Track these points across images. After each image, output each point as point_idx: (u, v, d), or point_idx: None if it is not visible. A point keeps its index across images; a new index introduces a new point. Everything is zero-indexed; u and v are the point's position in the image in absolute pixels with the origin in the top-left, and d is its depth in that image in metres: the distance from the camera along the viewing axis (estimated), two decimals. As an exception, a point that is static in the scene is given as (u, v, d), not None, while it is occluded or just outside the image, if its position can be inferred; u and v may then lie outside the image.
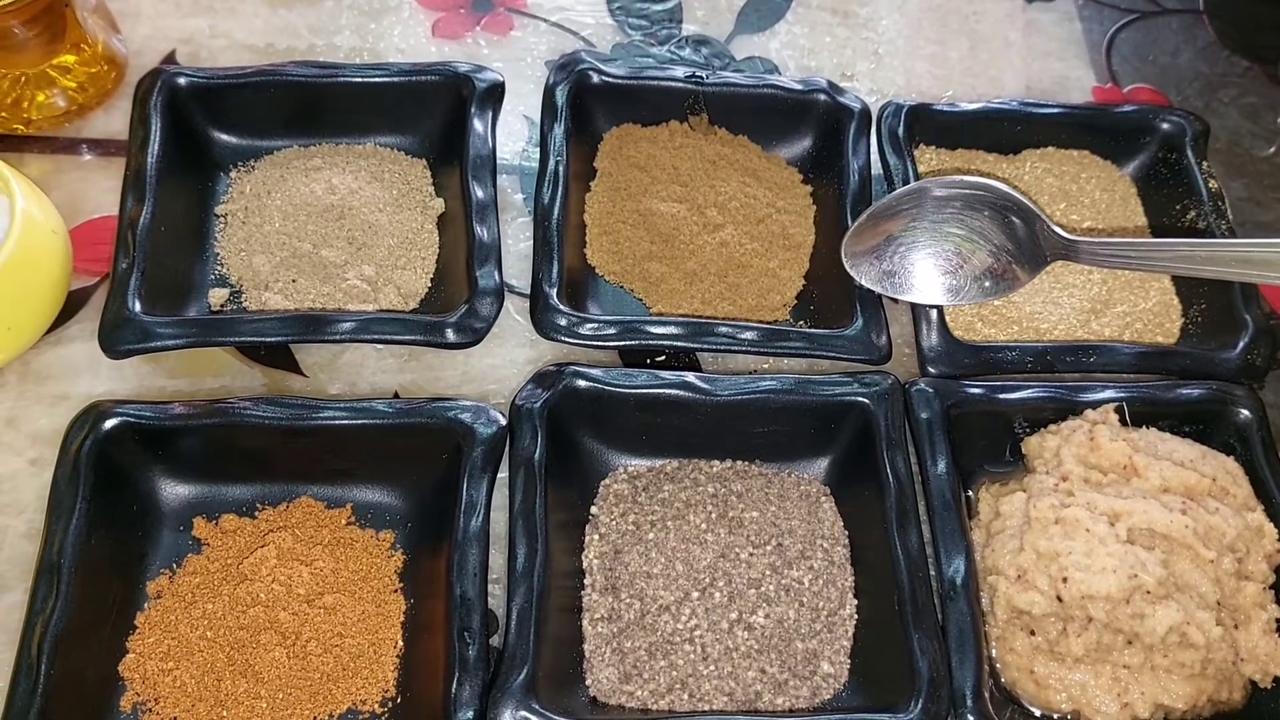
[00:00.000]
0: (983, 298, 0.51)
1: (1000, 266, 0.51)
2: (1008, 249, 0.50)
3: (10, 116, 0.57)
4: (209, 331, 0.49)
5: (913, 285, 0.51)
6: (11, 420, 0.50)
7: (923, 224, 0.51)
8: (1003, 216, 0.50)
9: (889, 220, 0.51)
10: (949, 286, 0.51)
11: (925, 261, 0.51)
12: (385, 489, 0.48)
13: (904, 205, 0.51)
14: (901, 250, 0.51)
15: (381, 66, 0.57)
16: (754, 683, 0.45)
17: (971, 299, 0.51)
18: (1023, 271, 0.51)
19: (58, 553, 0.43)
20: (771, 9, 0.67)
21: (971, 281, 0.51)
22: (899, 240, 0.51)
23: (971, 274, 0.51)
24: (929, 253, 0.51)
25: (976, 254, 0.50)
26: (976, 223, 0.50)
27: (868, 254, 0.51)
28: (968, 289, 0.51)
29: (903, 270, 0.51)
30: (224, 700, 0.43)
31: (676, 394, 0.49)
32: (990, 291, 0.51)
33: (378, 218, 0.54)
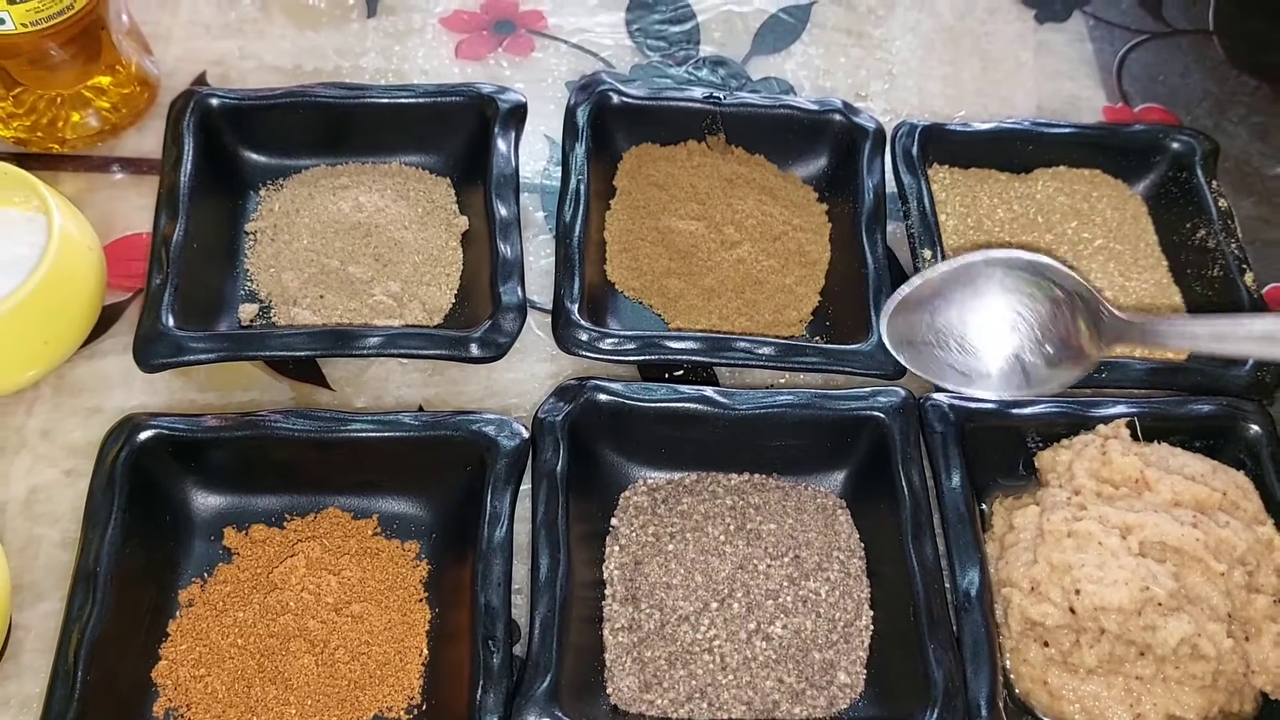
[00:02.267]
0: (1042, 389, 0.48)
1: (1057, 354, 0.47)
2: (1064, 334, 0.47)
3: (46, 136, 0.59)
4: (240, 346, 0.50)
5: (982, 376, 0.48)
6: (47, 432, 0.52)
7: (980, 306, 0.47)
8: (1058, 298, 0.46)
9: (937, 299, 0.48)
10: (1015, 377, 0.48)
11: (989, 349, 0.48)
12: (411, 500, 0.49)
13: (953, 284, 0.48)
14: (958, 338, 0.48)
15: (407, 88, 0.58)
16: (772, 692, 0.45)
17: (1038, 392, 0.48)
18: (1079, 359, 0.47)
19: (94, 561, 0.44)
20: (787, 30, 0.69)
21: (1035, 372, 0.48)
22: (955, 326, 0.47)
23: (1033, 362, 0.48)
24: (990, 340, 0.47)
25: (1036, 340, 0.47)
26: (1035, 305, 0.47)
27: (922, 343, 0.48)
28: (1034, 379, 0.48)
29: (964, 361, 0.48)
30: (254, 706, 0.44)
31: (695, 408, 0.50)
32: (1047, 380, 0.48)
33: (403, 235, 0.56)
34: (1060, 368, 0.47)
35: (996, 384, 0.48)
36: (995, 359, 0.48)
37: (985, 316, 0.48)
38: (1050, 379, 0.47)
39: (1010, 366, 0.48)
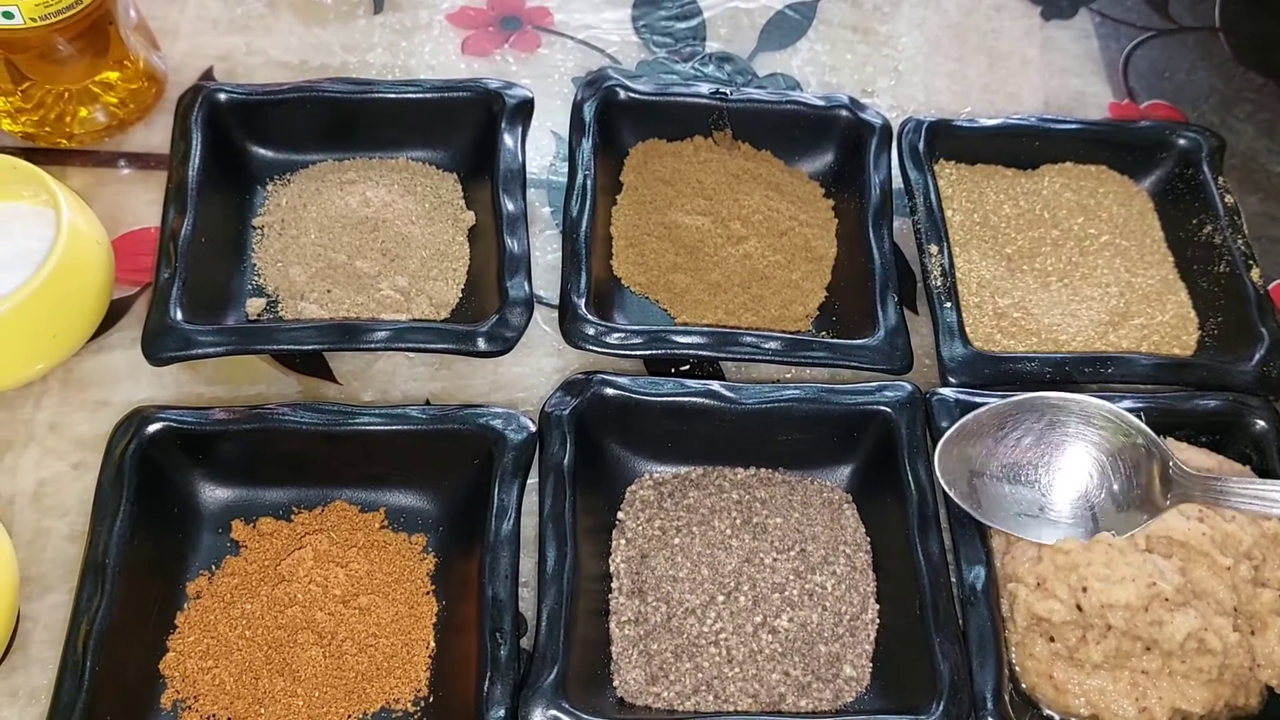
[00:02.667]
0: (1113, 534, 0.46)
1: (1125, 499, 0.46)
2: (1131, 481, 0.46)
3: (54, 131, 0.59)
4: (248, 339, 0.50)
5: (1053, 516, 0.47)
6: (54, 425, 0.52)
7: (1052, 442, 0.46)
8: (1129, 445, 0.45)
9: (1004, 431, 0.47)
10: (1085, 520, 0.46)
11: (1059, 488, 0.47)
12: (418, 493, 0.49)
13: (1022, 422, 0.47)
14: (1028, 474, 0.46)
15: (414, 83, 0.58)
16: (778, 685, 0.46)
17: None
18: (1147, 507, 0.46)
19: (103, 553, 0.44)
20: (793, 27, 0.69)
21: (1104, 516, 0.46)
22: (1026, 460, 0.46)
23: (1102, 506, 0.46)
24: (1060, 479, 0.46)
25: (1106, 484, 0.46)
26: (1106, 448, 0.46)
27: (984, 476, 0.46)
28: (1102, 523, 0.46)
29: (1032, 498, 0.47)
30: (262, 698, 0.44)
31: (702, 402, 0.50)
32: (1114, 524, 0.46)
33: (410, 230, 0.56)
34: (1127, 512, 0.46)
35: (1067, 526, 0.46)
36: (1065, 499, 0.47)
37: (1056, 454, 0.47)
38: (1117, 523, 0.46)
39: (1080, 509, 0.46)
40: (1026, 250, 0.58)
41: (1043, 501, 0.47)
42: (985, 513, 0.47)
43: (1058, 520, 0.47)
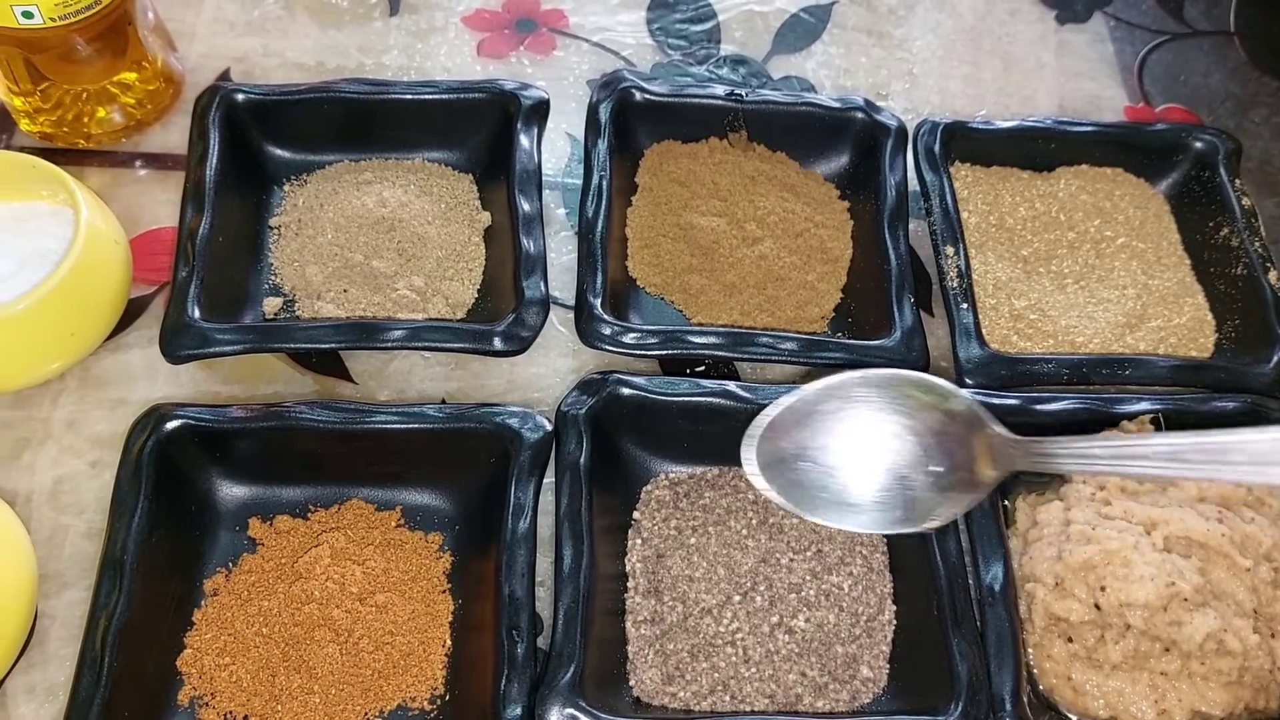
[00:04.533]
0: (927, 523, 0.42)
1: (947, 479, 0.41)
2: (954, 458, 0.41)
3: (72, 131, 0.60)
4: (266, 338, 0.50)
5: (856, 503, 0.43)
6: (72, 423, 0.52)
7: (859, 427, 0.42)
8: (949, 419, 0.41)
9: (813, 419, 0.43)
10: (896, 506, 0.42)
11: (868, 475, 0.42)
12: (434, 492, 0.49)
13: (831, 403, 0.43)
14: (832, 462, 0.42)
15: (430, 84, 0.59)
16: (794, 685, 0.45)
17: (925, 527, 0.42)
18: (971, 487, 0.42)
19: (121, 550, 0.44)
20: (808, 30, 0.69)
21: (922, 499, 0.42)
22: (830, 449, 0.42)
23: (920, 489, 0.42)
24: (870, 465, 0.42)
25: (923, 466, 0.41)
26: (922, 426, 0.42)
27: (792, 469, 0.42)
28: (920, 506, 0.42)
29: (838, 488, 0.42)
30: (278, 695, 0.44)
31: (718, 402, 0.50)
32: (933, 508, 0.42)
33: (426, 230, 0.56)
34: (950, 493, 0.41)
35: (873, 513, 0.42)
36: (874, 485, 0.43)
37: (865, 438, 0.42)
38: (937, 507, 0.42)
39: (891, 494, 0.42)
40: (1043, 252, 0.58)
41: (853, 487, 0.43)
42: (801, 506, 0.43)
43: (868, 506, 0.43)
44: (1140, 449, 0.35)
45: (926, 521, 0.42)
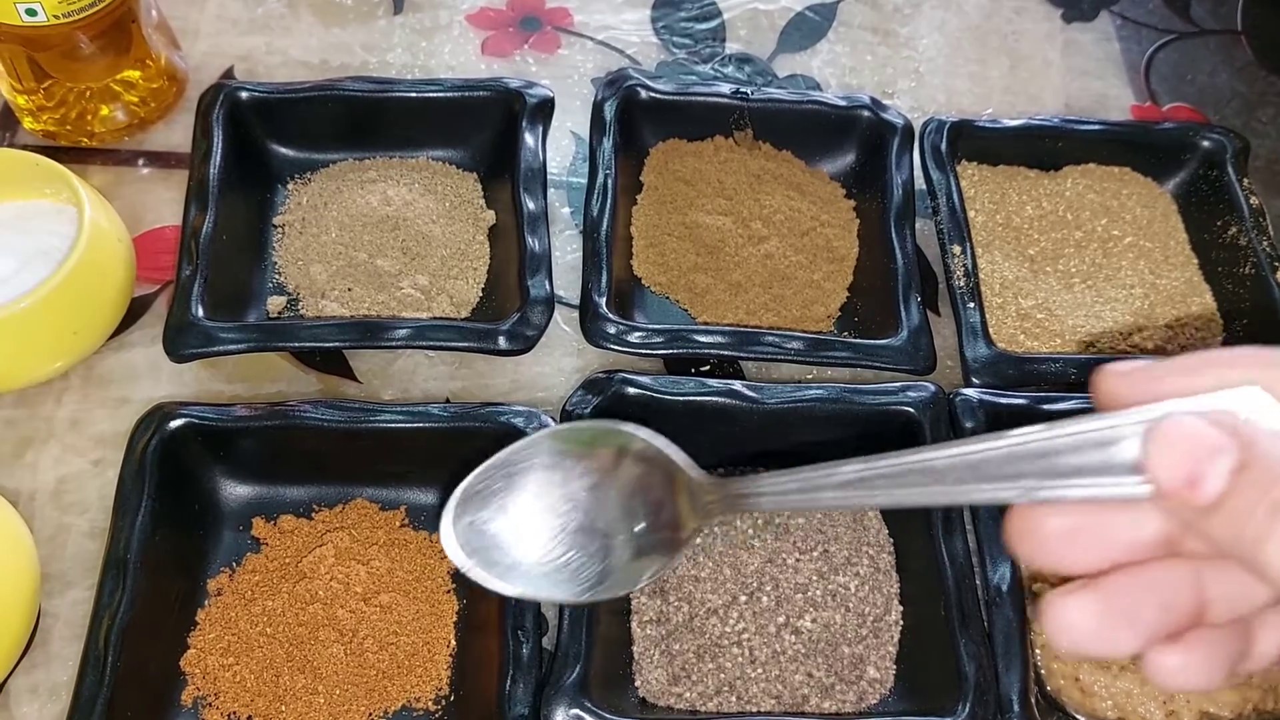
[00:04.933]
0: (614, 592, 0.38)
1: (647, 538, 0.38)
2: (656, 513, 0.37)
3: (75, 129, 0.59)
4: (270, 337, 0.50)
5: (539, 572, 0.38)
6: (75, 422, 0.52)
7: (538, 487, 0.38)
8: (644, 474, 0.38)
9: (501, 491, 0.39)
10: (586, 571, 0.38)
11: (555, 541, 0.38)
12: (439, 492, 0.49)
13: (520, 469, 0.39)
14: (519, 531, 0.38)
15: (435, 82, 0.58)
16: (801, 686, 0.45)
17: (604, 594, 0.38)
18: (671, 544, 0.38)
19: (124, 549, 0.44)
20: (813, 28, 0.68)
21: (618, 564, 0.38)
22: (517, 514, 0.38)
23: (618, 550, 0.38)
24: (558, 530, 0.38)
25: (619, 527, 0.38)
26: (615, 487, 0.38)
27: (481, 533, 0.38)
28: (614, 569, 0.38)
29: (522, 554, 0.38)
30: (283, 695, 0.44)
31: (724, 401, 0.50)
32: (627, 574, 0.38)
33: (431, 229, 0.56)
34: (655, 551, 0.37)
35: (576, 582, 0.38)
36: (578, 550, 0.38)
37: (563, 501, 0.38)
38: (645, 566, 0.38)
39: (594, 558, 0.38)
40: (1050, 251, 0.57)
41: (555, 554, 0.38)
42: (504, 578, 0.38)
43: (570, 574, 0.38)
44: (829, 479, 0.32)
45: (636, 583, 0.38)
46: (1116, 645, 0.25)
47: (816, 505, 0.33)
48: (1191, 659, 0.25)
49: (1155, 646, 0.26)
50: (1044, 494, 0.25)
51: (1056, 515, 0.26)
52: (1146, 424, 0.24)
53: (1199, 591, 0.26)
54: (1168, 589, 0.25)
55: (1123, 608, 0.25)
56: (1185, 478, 0.23)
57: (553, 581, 0.37)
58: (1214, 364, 0.25)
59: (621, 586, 0.37)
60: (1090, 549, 0.26)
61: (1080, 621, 0.25)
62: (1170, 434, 0.24)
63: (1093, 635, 0.25)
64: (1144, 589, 0.25)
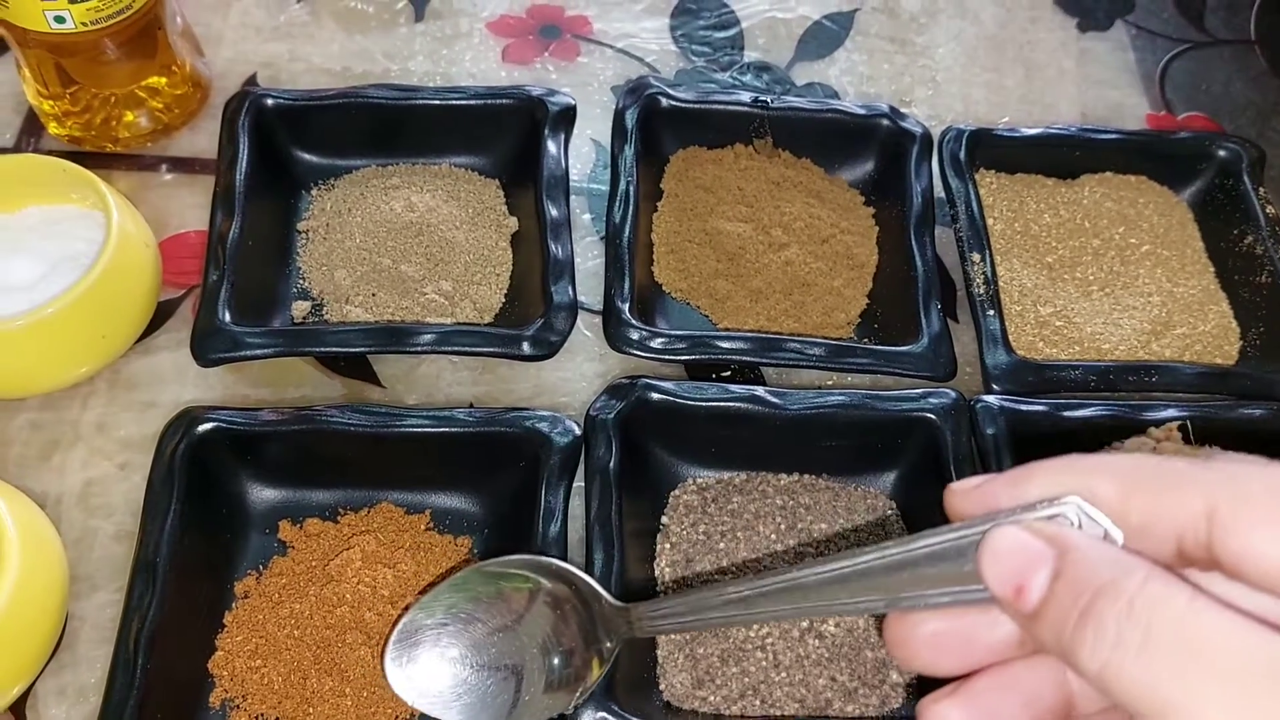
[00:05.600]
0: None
1: (561, 672, 0.40)
2: (570, 643, 0.40)
3: (100, 135, 0.60)
4: (296, 341, 0.51)
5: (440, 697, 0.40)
6: (102, 426, 0.52)
7: (461, 625, 0.40)
8: (556, 603, 0.40)
9: (435, 629, 0.41)
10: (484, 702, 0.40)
11: (457, 673, 0.40)
12: (463, 496, 0.50)
13: (442, 603, 0.41)
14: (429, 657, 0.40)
15: (458, 89, 0.59)
16: (824, 690, 0.45)
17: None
18: (581, 676, 0.40)
19: (153, 551, 0.44)
20: (831, 37, 0.69)
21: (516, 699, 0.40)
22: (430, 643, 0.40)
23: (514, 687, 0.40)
24: (462, 662, 0.40)
25: (523, 662, 0.40)
26: (524, 623, 0.40)
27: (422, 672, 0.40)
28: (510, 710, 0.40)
29: (432, 678, 0.40)
30: (310, 698, 0.44)
31: (746, 407, 0.50)
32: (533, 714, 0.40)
33: (455, 235, 0.56)
34: (556, 692, 0.40)
35: (476, 712, 0.40)
36: (475, 683, 0.40)
37: (491, 638, 0.40)
38: (543, 705, 0.40)
39: (493, 691, 0.40)
40: (1068, 259, 0.58)
41: (481, 692, 0.40)
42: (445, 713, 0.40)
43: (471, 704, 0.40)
44: (716, 598, 0.33)
45: (550, 712, 0.40)
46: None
47: (707, 623, 0.35)
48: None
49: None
50: (907, 603, 0.27)
51: (925, 622, 0.27)
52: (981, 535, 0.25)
53: (1060, 686, 0.27)
54: (1029, 686, 0.27)
55: (987, 708, 0.26)
56: (1012, 587, 0.24)
57: (469, 711, 0.40)
58: (1041, 473, 0.27)
59: (538, 713, 0.40)
60: (956, 652, 0.27)
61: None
62: (995, 545, 0.25)
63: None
64: (1006, 688, 0.27)
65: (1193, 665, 0.22)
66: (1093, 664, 0.23)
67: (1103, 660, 0.23)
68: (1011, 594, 0.24)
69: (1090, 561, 0.24)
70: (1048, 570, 0.24)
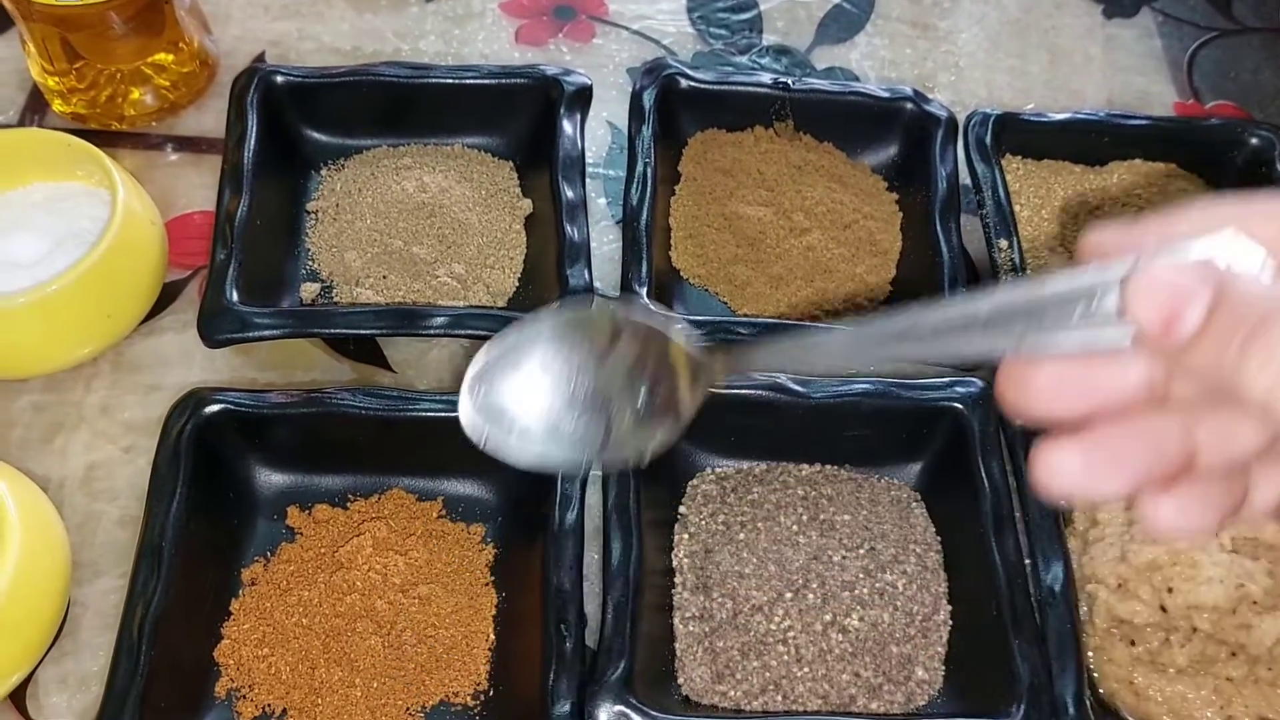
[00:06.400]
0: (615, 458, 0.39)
1: (646, 410, 0.38)
2: (656, 385, 0.38)
3: (105, 112, 0.59)
4: (305, 323, 0.49)
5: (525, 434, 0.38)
6: (106, 408, 0.51)
7: (542, 360, 0.38)
8: (641, 348, 0.38)
9: (508, 367, 0.39)
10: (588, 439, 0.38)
11: (544, 408, 0.38)
12: (476, 482, 0.48)
13: (525, 339, 0.39)
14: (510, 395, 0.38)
15: (471, 68, 0.57)
16: (848, 686, 0.44)
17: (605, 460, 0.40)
18: (670, 413, 0.38)
19: (159, 536, 0.43)
20: (851, 20, 0.68)
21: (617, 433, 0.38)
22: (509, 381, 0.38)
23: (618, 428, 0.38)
24: (548, 397, 0.38)
25: (612, 398, 0.38)
26: (614, 362, 0.38)
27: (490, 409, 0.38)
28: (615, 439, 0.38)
29: (511, 418, 0.38)
30: (318, 688, 0.43)
31: (769, 395, 0.49)
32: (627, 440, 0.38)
33: (467, 216, 0.55)
34: (644, 424, 0.38)
35: (564, 448, 0.38)
36: (579, 422, 0.38)
37: (565, 377, 0.38)
38: (632, 439, 0.38)
39: (596, 429, 0.38)
40: (1096, 247, 0.56)
41: (559, 426, 0.38)
42: (511, 453, 0.38)
43: (572, 444, 0.38)
44: (824, 342, 0.32)
45: (639, 452, 0.38)
46: (1103, 487, 0.26)
47: (810, 365, 0.34)
48: (1183, 504, 0.26)
49: (1147, 493, 0.26)
50: (1030, 347, 0.26)
51: (1046, 366, 0.26)
52: (1128, 273, 0.25)
53: (1186, 438, 0.26)
54: (1154, 434, 0.26)
55: (1109, 451, 0.26)
56: (1163, 320, 0.24)
57: (557, 448, 0.38)
58: (1193, 212, 0.26)
59: (622, 454, 0.38)
60: (1078, 397, 0.26)
61: (1068, 465, 0.26)
62: (1147, 280, 0.25)
63: (1080, 477, 0.26)
64: (1130, 435, 0.26)
65: None
66: (1259, 383, 0.23)
67: (1273, 378, 0.23)
68: (1161, 327, 0.24)
69: (1254, 292, 0.24)
70: (1203, 304, 0.24)
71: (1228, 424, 0.26)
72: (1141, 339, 0.25)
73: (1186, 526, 0.27)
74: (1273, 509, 0.28)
